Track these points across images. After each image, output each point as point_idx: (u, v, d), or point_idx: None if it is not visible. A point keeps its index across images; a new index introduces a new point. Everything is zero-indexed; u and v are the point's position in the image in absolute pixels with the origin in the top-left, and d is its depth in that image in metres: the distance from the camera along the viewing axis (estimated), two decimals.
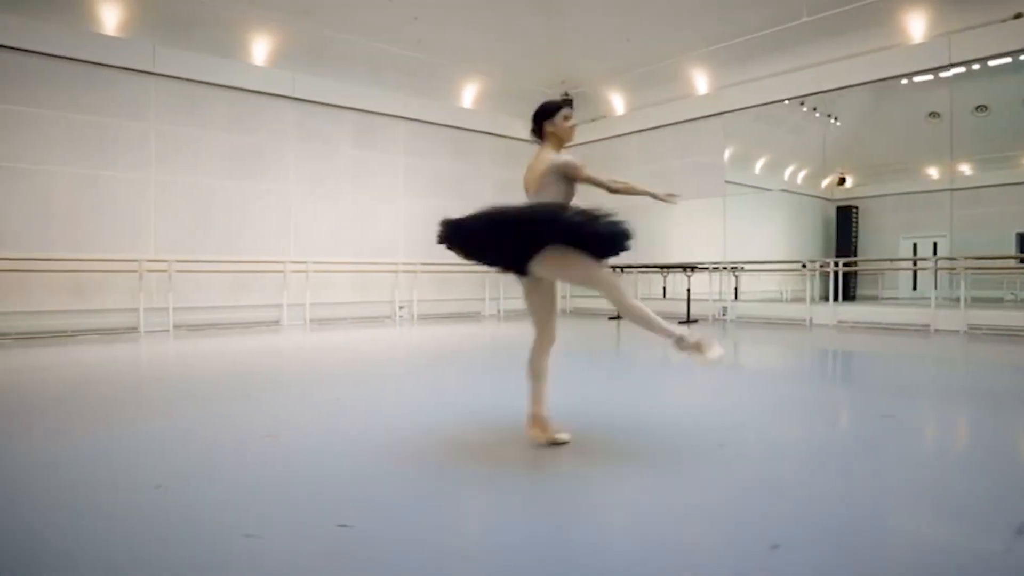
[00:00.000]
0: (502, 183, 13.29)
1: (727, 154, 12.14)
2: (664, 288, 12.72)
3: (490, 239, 2.82)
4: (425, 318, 11.74)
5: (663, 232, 13.95)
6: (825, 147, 14.31)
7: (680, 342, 2.82)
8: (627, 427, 3.46)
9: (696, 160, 12.04)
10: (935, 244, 11.55)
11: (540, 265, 2.81)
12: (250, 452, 3.02)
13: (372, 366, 6.21)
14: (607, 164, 13.44)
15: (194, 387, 4.91)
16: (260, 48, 10.18)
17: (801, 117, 12.93)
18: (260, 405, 4.23)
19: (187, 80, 9.49)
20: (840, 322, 10.14)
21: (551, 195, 2.98)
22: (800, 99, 11.28)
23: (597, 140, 13.50)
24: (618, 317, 11.97)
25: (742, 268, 11.71)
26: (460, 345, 8.01)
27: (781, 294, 13.34)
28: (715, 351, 2.80)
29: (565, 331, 8.80)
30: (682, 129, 12.18)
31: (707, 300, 11.54)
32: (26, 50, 8.27)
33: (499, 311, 12.91)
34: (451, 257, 3.04)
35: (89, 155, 8.79)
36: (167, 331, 9.08)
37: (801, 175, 15.27)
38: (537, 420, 2.99)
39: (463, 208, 2.95)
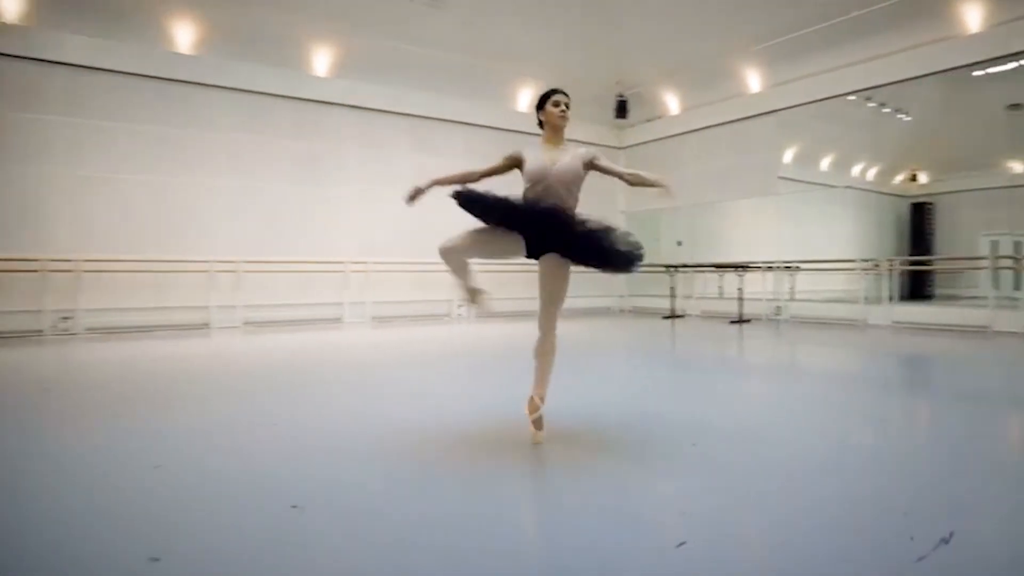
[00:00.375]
0: None
1: (787, 152, 11.82)
2: (720, 288, 12.47)
3: (525, 225, 2.95)
4: (484, 316, 11.96)
5: (720, 231, 13.69)
6: (895, 142, 13.69)
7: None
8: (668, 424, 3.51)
9: (750, 158, 11.78)
10: (1016, 243, 10.87)
11: (550, 260, 3.00)
12: (323, 435, 3.25)
13: (428, 360, 6.45)
14: (663, 164, 13.35)
15: (259, 378, 5.26)
16: (321, 60, 10.66)
17: (868, 112, 12.43)
18: (320, 394, 4.50)
19: (253, 92, 10.05)
20: (895, 323, 9.71)
21: (576, 193, 3.11)
22: (861, 94, 10.81)
23: (652, 140, 13.41)
24: (672, 316, 11.85)
25: (797, 267, 11.36)
26: (511, 343, 8.16)
27: (847, 294, 12.87)
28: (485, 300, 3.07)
29: (621, 331, 8.70)
30: (736, 128, 11.94)
31: (760, 300, 11.28)
32: (109, 70, 8.99)
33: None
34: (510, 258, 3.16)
35: (164, 164, 9.45)
36: (236, 327, 9.64)
37: (872, 172, 14.65)
38: (532, 404, 3.11)
39: None
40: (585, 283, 13.33)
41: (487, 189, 3.02)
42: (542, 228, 2.90)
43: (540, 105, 3.22)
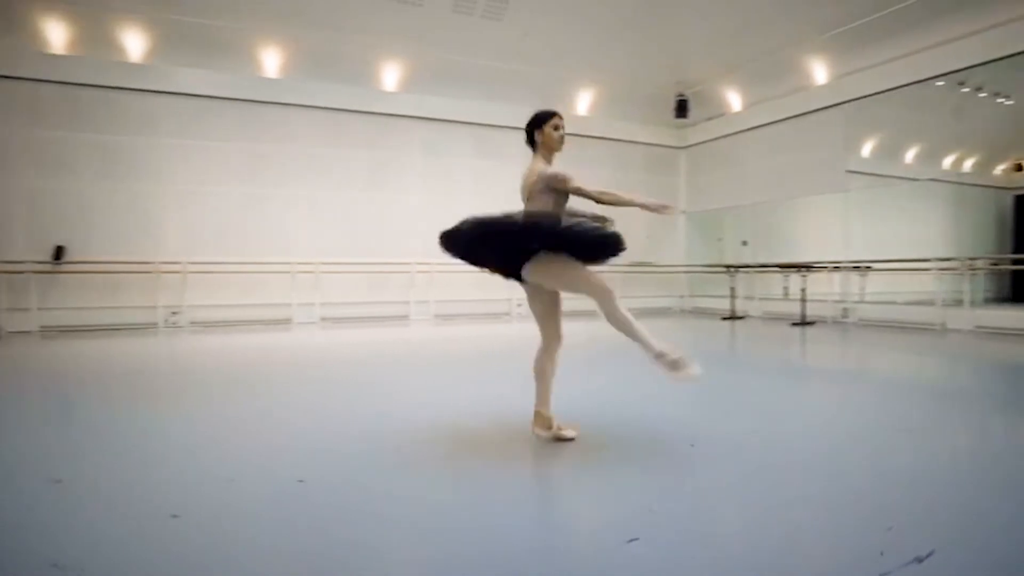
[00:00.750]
0: (616, 185, 13.59)
1: (860, 145, 11.42)
2: (785, 288, 12.23)
3: (482, 246, 2.93)
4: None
5: (787, 230, 13.39)
6: (995, 129, 12.77)
7: (660, 357, 2.83)
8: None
9: (816, 153, 11.47)
10: None
11: (532, 271, 2.94)
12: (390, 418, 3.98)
13: (487, 356, 7.11)
14: (724, 162, 13.26)
15: (334, 368, 6.13)
16: (391, 76, 11.60)
17: (961, 98, 11.70)
18: (387, 383, 5.27)
19: (330, 108, 11.14)
20: (979, 328, 9.13)
21: (540, 205, 3.02)
22: (952, 77, 10.05)
23: (715, 139, 13.34)
24: (731, 317, 11.82)
25: (868, 267, 10.95)
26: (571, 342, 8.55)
27: (929, 295, 12.19)
28: (692, 370, 2.78)
29: (674, 331, 8.85)
30: (801, 122, 11.66)
31: (826, 301, 11.00)
32: (210, 96, 10.34)
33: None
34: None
35: (255, 176, 10.73)
36: (314, 323, 10.77)
37: (968, 163, 13.72)
38: (540, 418, 3.12)
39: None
40: (645, 283, 13.61)
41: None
42: (506, 239, 2.89)
43: (538, 125, 3.16)
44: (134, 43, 9.95)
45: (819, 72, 11.36)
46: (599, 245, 2.91)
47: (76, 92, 9.56)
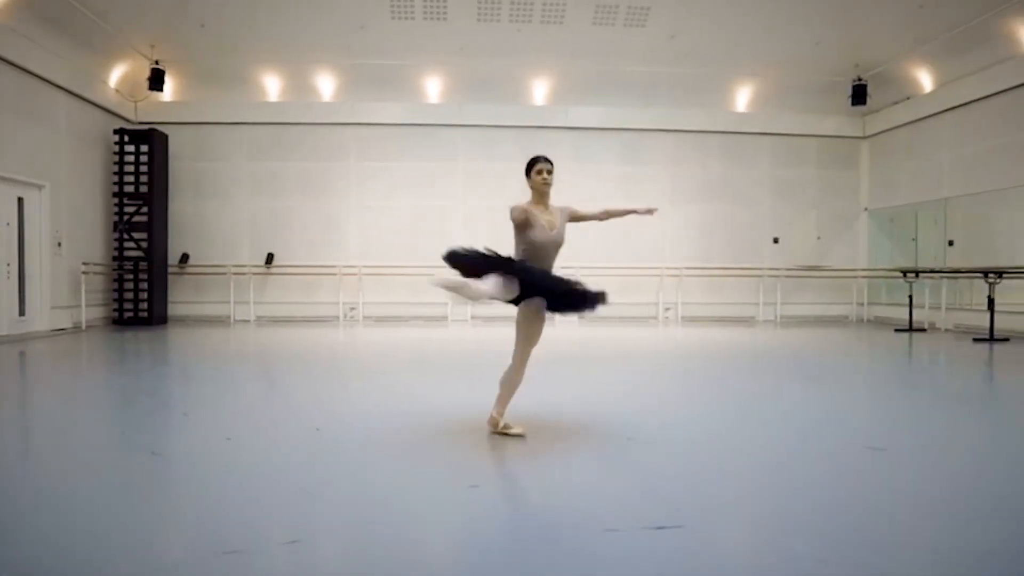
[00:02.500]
0: (779, 183, 12.68)
1: None
2: (990, 298, 10.16)
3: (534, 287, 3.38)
4: (692, 320, 12.20)
5: (1003, 227, 11.22)
6: None
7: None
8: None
9: None
10: None
11: (527, 305, 3.49)
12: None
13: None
14: (912, 151, 11.58)
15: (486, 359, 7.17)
16: (539, 90, 12.31)
17: None
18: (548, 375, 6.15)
19: (485, 126, 12.22)
20: None
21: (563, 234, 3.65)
22: None
23: (900, 126, 11.66)
24: (907, 329, 10.34)
25: None
26: (728, 347, 8.51)
27: None
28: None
29: (826, 343, 8.46)
30: (1006, 98, 9.71)
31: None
32: (384, 124, 12.10)
33: (776, 317, 12.36)
34: (721, 261, 3.65)
35: (419, 191, 12.24)
36: (467, 320, 11.95)
37: None
38: (495, 420, 3.57)
39: (734, 211, 3.62)
40: (819, 288, 12.41)
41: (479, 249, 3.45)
42: (544, 288, 3.39)
43: (526, 171, 3.71)
44: (326, 86, 12.07)
45: None
46: (595, 300, 3.37)
47: (284, 130, 11.95)
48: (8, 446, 3.55)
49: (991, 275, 8.92)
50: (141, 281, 11.23)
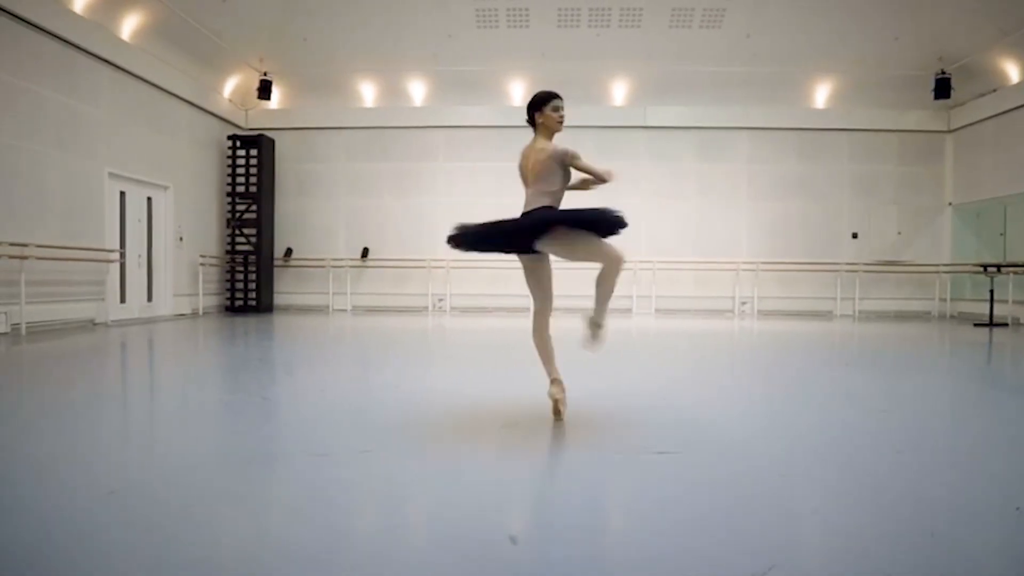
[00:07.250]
0: (859, 179, 12.71)
1: None
2: None
3: (501, 238, 3.34)
4: (768, 314, 12.38)
5: None
6: None
7: (595, 326, 3.25)
8: None
9: None
10: None
11: (547, 241, 3.17)
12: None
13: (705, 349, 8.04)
14: (999, 143, 11.45)
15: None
16: (618, 91, 12.79)
17: None
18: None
19: (566, 127, 12.64)
20: None
21: (551, 181, 3.28)
22: None
23: (987, 118, 11.54)
24: (986, 324, 10.26)
25: None
26: (797, 339, 8.70)
27: None
28: (599, 346, 3.22)
29: (898, 338, 8.72)
30: None
31: None
32: (469, 126, 12.83)
33: (854, 312, 12.39)
34: (798, 256, 3.51)
35: (500, 189, 12.66)
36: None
37: None
38: (558, 384, 3.25)
39: (811, 207, 3.59)
40: (900, 283, 12.37)
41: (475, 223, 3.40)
42: (529, 233, 3.21)
43: (538, 106, 3.32)
44: (417, 91, 12.93)
45: None
46: (613, 221, 3.22)
47: (379, 133, 12.86)
48: (164, 396, 4.54)
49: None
50: (250, 272, 12.33)
